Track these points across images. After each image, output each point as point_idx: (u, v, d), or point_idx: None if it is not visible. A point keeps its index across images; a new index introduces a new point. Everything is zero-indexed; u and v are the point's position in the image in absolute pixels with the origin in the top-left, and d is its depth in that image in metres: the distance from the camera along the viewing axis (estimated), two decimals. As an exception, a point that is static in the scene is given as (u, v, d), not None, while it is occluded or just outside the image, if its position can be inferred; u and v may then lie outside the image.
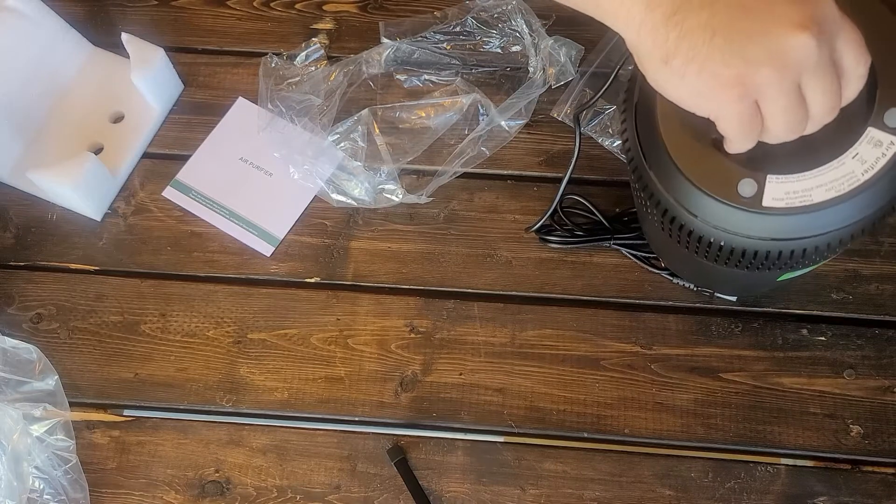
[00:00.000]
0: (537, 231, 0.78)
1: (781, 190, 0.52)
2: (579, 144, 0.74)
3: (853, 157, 0.51)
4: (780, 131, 0.47)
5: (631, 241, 0.76)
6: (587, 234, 0.76)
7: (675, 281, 0.75)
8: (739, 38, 0.43)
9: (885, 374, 0.72)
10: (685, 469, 0.70)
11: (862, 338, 0.73)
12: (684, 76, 0.45)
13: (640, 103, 0.57)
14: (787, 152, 0.50)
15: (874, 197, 0.52)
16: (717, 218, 0.54)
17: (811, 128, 0.48)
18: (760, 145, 0.50)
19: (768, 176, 0.52)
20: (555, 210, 0.77)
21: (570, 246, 0.77)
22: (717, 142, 0.52)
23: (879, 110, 0.51)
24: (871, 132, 0.51)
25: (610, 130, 0.80)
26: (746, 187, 0.52)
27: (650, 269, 0.76)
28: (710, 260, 0.58)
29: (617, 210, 0.78)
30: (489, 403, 0.73)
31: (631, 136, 0.58)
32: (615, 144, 0.80)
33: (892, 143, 0.51)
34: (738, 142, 0.49)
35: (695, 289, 0.75)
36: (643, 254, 0.76)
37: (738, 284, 0.72)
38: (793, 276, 0.64)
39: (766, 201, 0.52)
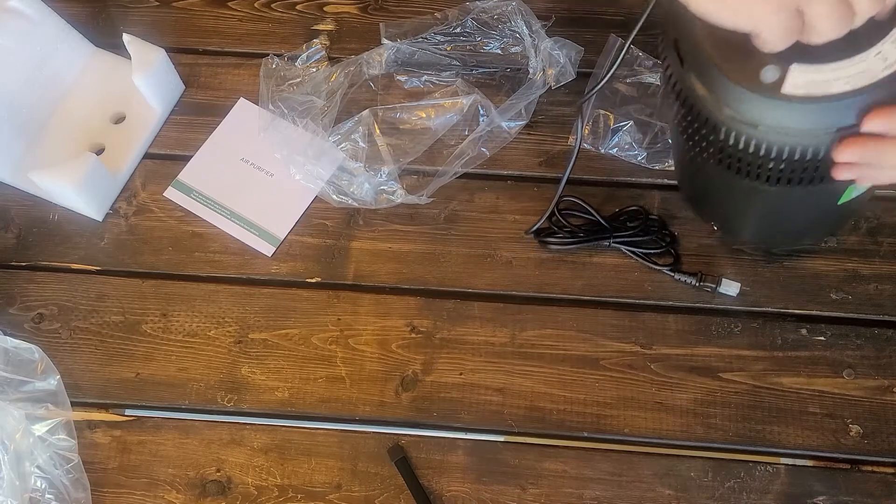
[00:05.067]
0: (536, 234, 0.78)
1: (802, 79, 0.52)
2: (580, 137, 0.75)
3: (876, 55, 0.51)
4: (827, 31, 0.47)
5: (631, 239, 0.76)
6: (586, 235, 0.77)
7: (676, 277, 0.75)
8: None
9: (884, 374, 0.72)
10: (685, 468, 0.70)
11: (861, 337, 0.74)
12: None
13: (673, 13, 0.58)
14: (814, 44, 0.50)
15: (889, 95, 0.52)
16: (741, 108, 0.54)
17: (859, 21, 0.48)
18: None
19: (792, 64, 0.52)
20: (552, 212, 0.77)
21: (569, 247, 0.77)
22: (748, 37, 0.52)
23: None
24: None
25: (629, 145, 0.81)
26: (769, 73, 0.52)
27: (651, 265, 0.76)
28: (745, 174, 0.58)
29: (616, 210, 0.78)
30: (489, 403, 0.73)
31: (668, 49, 0.59)
32: (640, 158, 0.80)
33: None
34: (777, 47, 0.50)
35: (696, 284, 0.75)
36: (643, 251, 0.76)
37: (800, 220, 0.70)
38: (850, 197, 0.63)
39: (786, 88, 0.52)
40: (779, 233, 0.73)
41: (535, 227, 0.78)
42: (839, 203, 0.63)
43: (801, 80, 0.52)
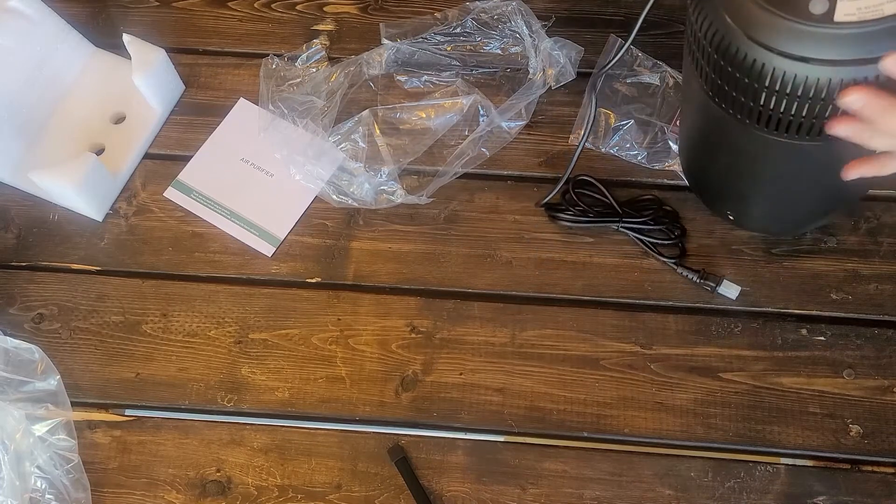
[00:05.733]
0: (547, 208, 0.79)
1: (853, 6, 0.52)
2: (594, 111, 0.78)
3: None
4: None
5: (640, 227, 0.77)
6: (596, 216, 0.77)
7: (679, 270, 0.76)
8: None
9: (884, 374, 0.72)
10: (685, 469, 0.70)
11: (861, 338, 0.74)
12: None
13: None
14: None
15: None
16: (789, 44, 0.54)
17: None
18: None
19: None
20: (566, 190, 0.78)
21: (578, 224, 0.78)
22: None
23: None
24: None
25: (629, 145, 0.81)
26: (818, 4, 0.52)
27: (656, 255, 0.76)
28: (784, 127, 0.58)
29: (631, 199, 0.79)
30: (489, 403, 0.73)
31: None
32: (640, 157, 0.81)
33: None
34: None
35: (698, 281, 0.75)
36: (651, 240, 0.77)
37: (821, 189, 0.69)
38: None
39: (838, 17, 0.52)
40: (797, 209, 0.73)
41: (546, 200, 0.78)
42: None
43: (852, 7, 0.52)
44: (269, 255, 0.80)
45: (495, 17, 0.85)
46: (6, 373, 0.71)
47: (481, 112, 0.82)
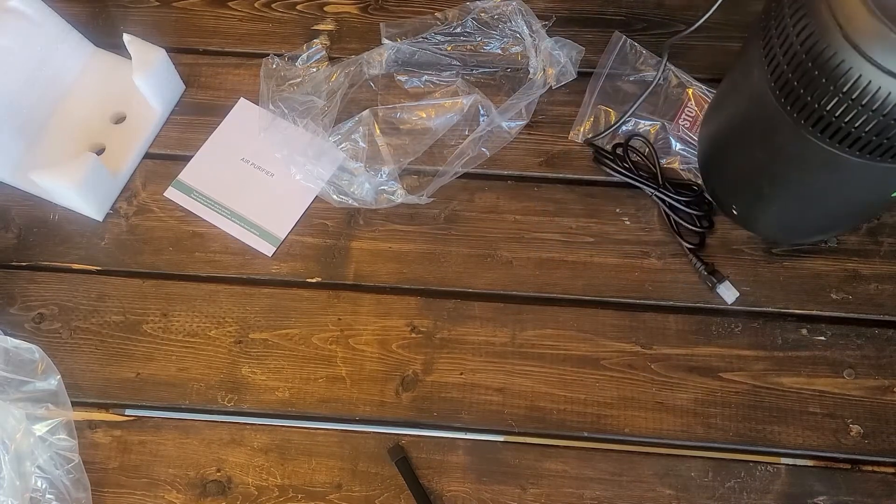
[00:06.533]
0: (597, 151, 0.80)
1: None
2: (663, 72, 0.80)
3: None
4: None
5: (672, 203, 0.77)
6: (638, 176, 0.78)
7: (690, 257, 0.76)
8: None
9: (884, 374, 0.72)
10: (685, 468, 0.70)
11: (861, 337, 0.74)
12: None
13: None
14: None
15: None
16: (889, 56, 0.53)
17: None
18: None
19: None
20: (618, 143, 0.80)
21: (617, 176, 0.79)
22: None
23: None
24: None
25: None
26: None
27: (676, 234, 0.77)
28: (841, 136, 0.57)
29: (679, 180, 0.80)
30: (489, 403, 0.73)
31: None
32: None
33: None
34: None
35: (704, 273, 0.75)
36: (677, 219, 0.77)
37: (840, 207, 0.69)
38: None
39: None
40: (808, 222, 0.72)
41: (595, 138, 0.80)
42: (892, 195, 0.62)
43: None
44: (270, 255, 0.80)
45: (495, 16, 0.85)
46: (6, 373, 0.71)
47: (481, 112, 0.82)
